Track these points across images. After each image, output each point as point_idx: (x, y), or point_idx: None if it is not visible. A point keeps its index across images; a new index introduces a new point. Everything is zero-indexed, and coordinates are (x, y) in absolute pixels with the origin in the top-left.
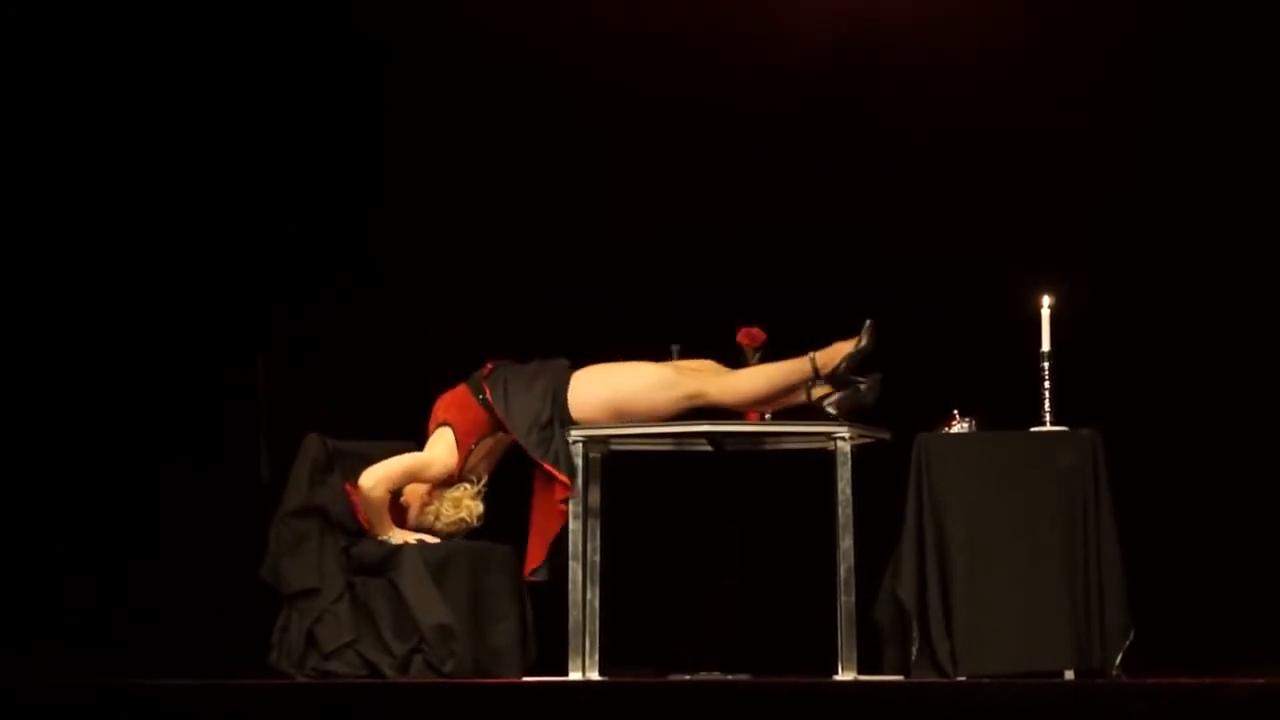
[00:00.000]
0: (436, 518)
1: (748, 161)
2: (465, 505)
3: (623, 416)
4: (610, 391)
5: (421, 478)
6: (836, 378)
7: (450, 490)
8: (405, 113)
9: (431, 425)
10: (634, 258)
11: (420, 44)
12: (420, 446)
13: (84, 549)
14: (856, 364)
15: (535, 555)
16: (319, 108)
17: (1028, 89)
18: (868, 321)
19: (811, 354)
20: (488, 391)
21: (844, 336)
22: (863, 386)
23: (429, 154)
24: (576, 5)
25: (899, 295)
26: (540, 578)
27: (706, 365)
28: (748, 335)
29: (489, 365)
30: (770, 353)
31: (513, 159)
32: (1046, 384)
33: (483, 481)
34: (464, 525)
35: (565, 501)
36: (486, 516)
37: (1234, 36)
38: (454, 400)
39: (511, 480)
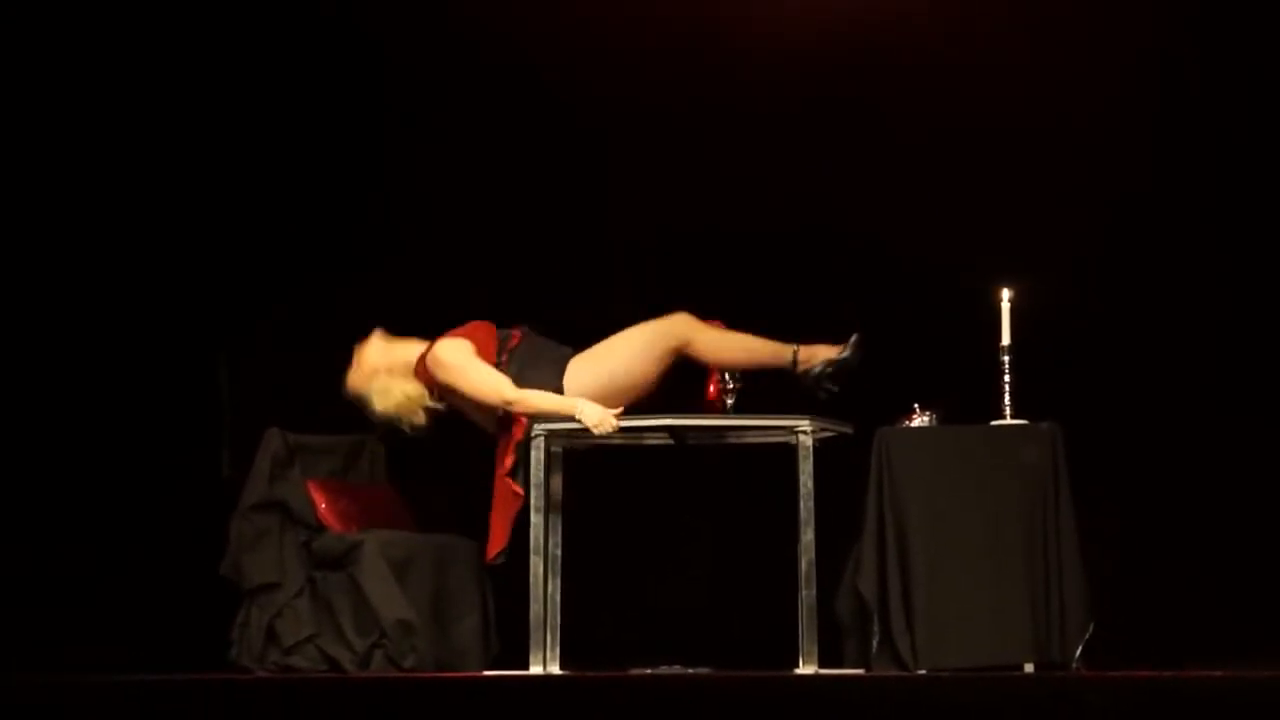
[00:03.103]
0: (381, 395)
1: (710, 161)
2: (411, 409)
3: (620, 393)
4: (607, 377)
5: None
6: (809, 378)
7: (407, 384)
8: (400, 112)
9: (451, 335)
10: (634, 257)
11: (418, 42)
12: (383, 443)
13: (41, 544)
14: (832, 372)
15: (497, 539)
16: (306, 104)
17: (989, 87)
18: (855, 336)
19: (795, 347)
20: (506, 360)
21: (812, 331)
22: (835, 388)
23: (422, 152)
24: (577, 4)
25: (860, 289)
26: (500, 560)
27: (680, 318)
28: None
29: (517, 335)
30: None
31: (510, 158)
32: (1007, 378)
33: (441, 404)
34: (397, 423)
35: (512, 476)
36: (446, 503)
37: (1207, 40)
38: (481, 330)
39: (474, 475)
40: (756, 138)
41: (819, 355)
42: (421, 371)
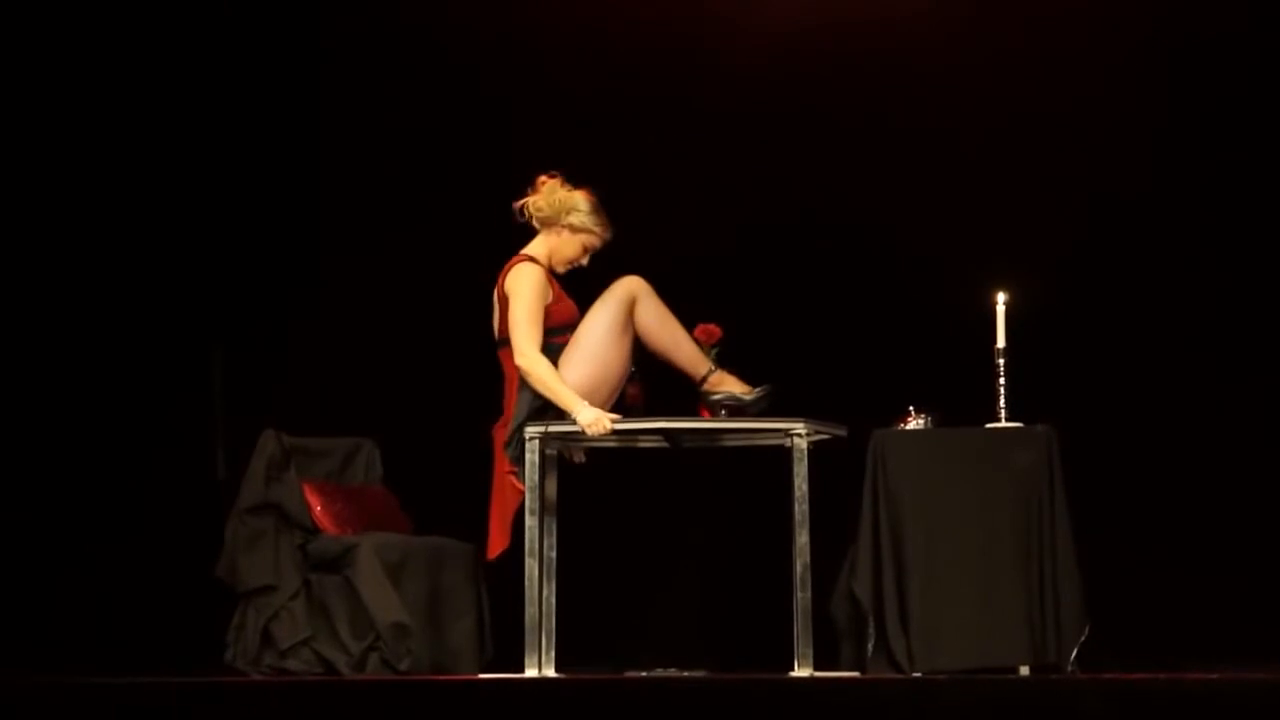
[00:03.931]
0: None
1: (705, 163)
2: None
3: (611, 380)
4: (595, 367)
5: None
6: (708, 400)
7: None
8: (386, 110)
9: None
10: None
11: (417, 45)
12: (380, 444)
13: (37, 546)
14: (729, 407)
15: (499, 538)
16: (302, 104)
17: (983, 87)
18: (768, 387)
19: (712, 367)
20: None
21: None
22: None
23: (422, 153)
24: (579, 1)
25: (856, 292)
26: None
27: (633, 281)
28: (704, 332)
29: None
30: (724, 350)
31: (507, 158)
32: (1001, 380)
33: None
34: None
35: (514, 473)
36: (441, 506)
37: (1205, 44)
38: (564, 303)
39: (468, 478)
40: (752, 139)
41: (726, 385)
42: (508, 266)
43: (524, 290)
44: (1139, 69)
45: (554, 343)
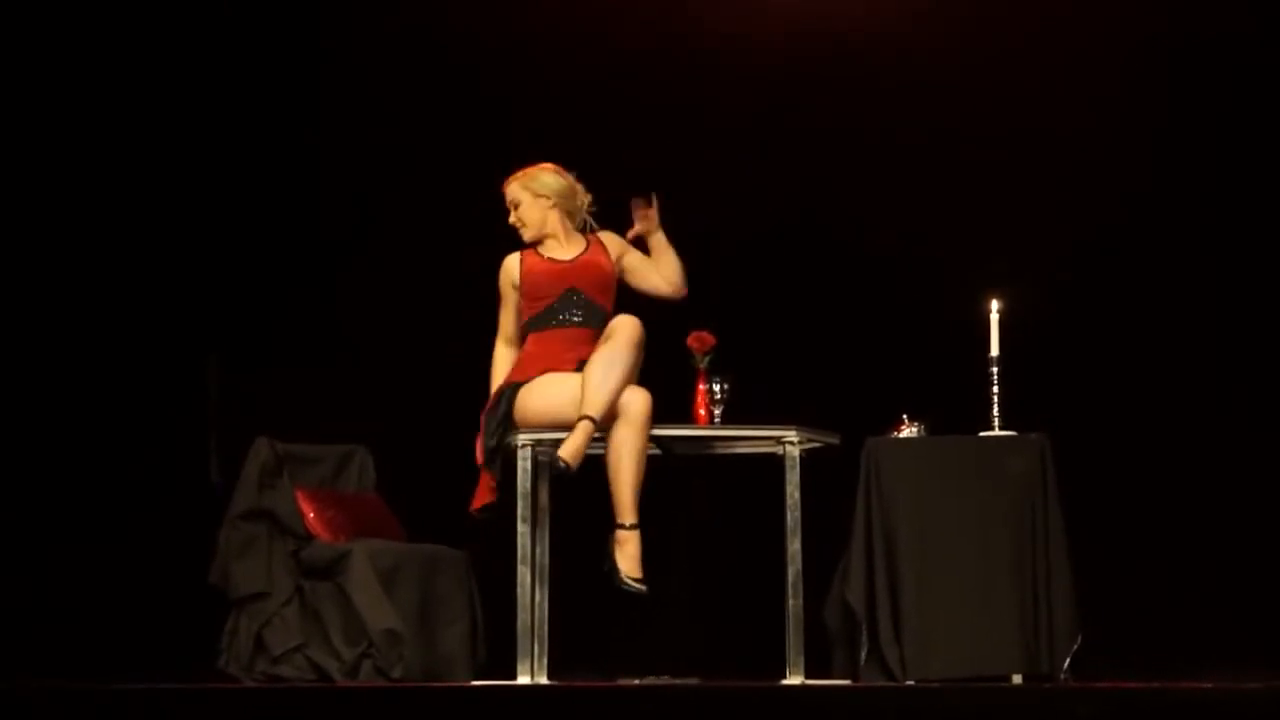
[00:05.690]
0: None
1: (701, 167)
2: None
3: (558, 425)
4: (550, 410)
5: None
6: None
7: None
8: (384, 114)
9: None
10: None
11: (417, 53)
12: (373, 451)
13: (29, 550)
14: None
15: (485, 492)
16: (301, 113)
17: (976, 91)
18: (645, 589)
19: (619, 537)
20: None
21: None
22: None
23: (406, 153)
24: (561, 7)
25: (848, 298)
26: (485, 515)
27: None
28: (697, 339)
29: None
30: (716, 357)
31: (500, 163)
32: (995, 388)
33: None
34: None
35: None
36: (434, 513)
37: (1202, 49)
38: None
39: (461, 485)
40: (748, 143)
41: (622, 555)
42: None
43: (500, 283)
44: (1139, 69)
45: (546, 332)
